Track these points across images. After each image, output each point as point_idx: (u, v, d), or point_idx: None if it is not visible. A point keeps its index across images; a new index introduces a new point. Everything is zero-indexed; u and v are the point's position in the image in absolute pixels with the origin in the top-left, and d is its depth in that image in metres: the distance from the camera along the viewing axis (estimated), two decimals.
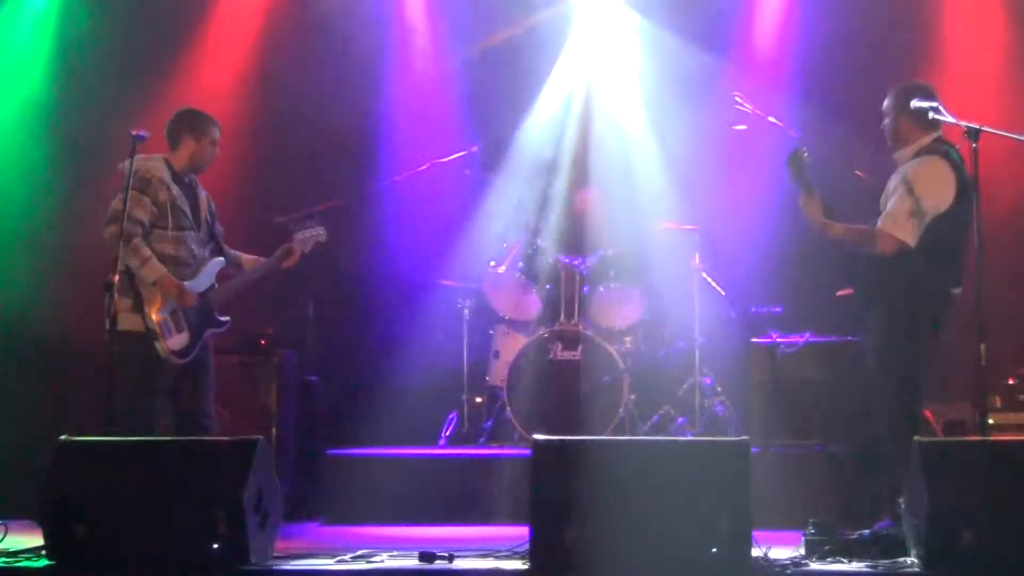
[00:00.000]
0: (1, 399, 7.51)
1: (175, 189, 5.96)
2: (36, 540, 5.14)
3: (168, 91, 7.75)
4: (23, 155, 7.94)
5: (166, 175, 5.95)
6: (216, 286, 6.09)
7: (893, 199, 5.52)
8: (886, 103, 5.74)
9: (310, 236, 6.36)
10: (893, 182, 5.61)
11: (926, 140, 5.60)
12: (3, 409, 7.49)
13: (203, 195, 6.18)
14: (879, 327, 5.60)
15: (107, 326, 5.58)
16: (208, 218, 6.17)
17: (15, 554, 5.12)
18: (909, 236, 5.43)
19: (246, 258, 6.36)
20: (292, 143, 8.30)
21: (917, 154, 5.60)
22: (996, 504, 4.65)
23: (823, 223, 5.63)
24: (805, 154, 5.64)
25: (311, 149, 8.28)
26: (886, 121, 5.74)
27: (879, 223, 5.53)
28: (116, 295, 5.49)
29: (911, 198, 5.43)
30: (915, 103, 5.54)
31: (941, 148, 5.57)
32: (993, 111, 6.01)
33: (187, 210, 5.99)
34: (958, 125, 5.46)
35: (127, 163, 5.71)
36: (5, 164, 7.92)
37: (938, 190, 5.46)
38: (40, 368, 7.66)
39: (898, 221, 5.44)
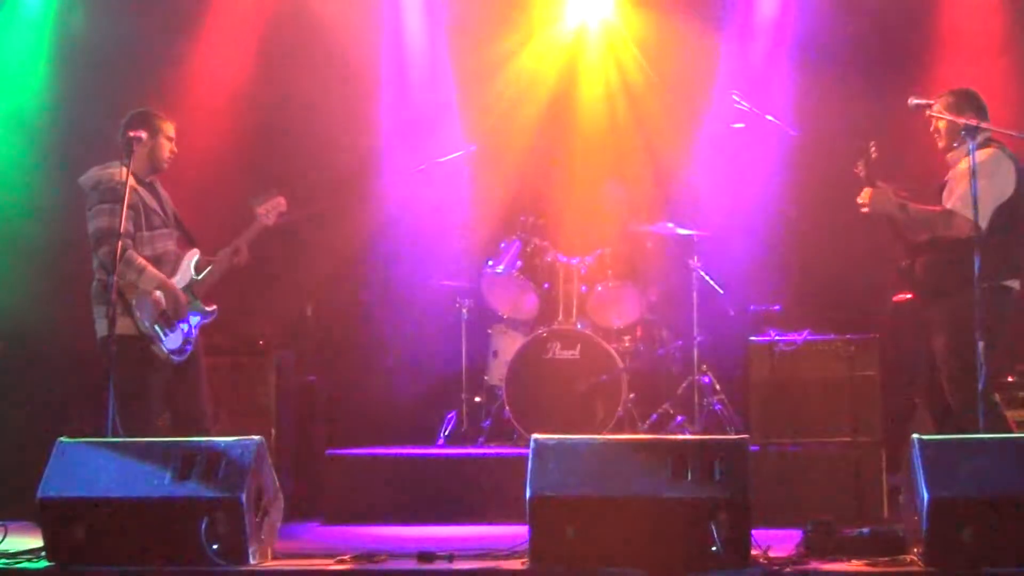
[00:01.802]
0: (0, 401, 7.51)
1: (141, 190, 5.97)
2: (36, 541, 5.15)
3: (164, 95, 7.72)
4: (16, 157, 7.92)
5: (130, 179, 5.95)
6: (196, 278, 6.09)
7: (962, 185, 5.66)
8: (939, 106, 5.88)
9: (272, 207, 6.24)
10: (957, 172, 5.78)
11: (979, 138, 5.77)
12: (2, 411, 7.48)
13: (165, 194, 6.18)
14: (944, 322, 5.75)
15: (106, 330, 5.59)
16: (174, 214, 6.17)
17: (15, 555, 5.13)
18: (982, 218, 5.58)
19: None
20: (289, 144, 8.28)
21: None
22: (996, 501, 4.66)
23: (899, 203, 5.80)
24: (873, 149, 5.81)
25: (310, 149, 8.26)
26: (942, 124, 5.91)
27: (951, 205, 5.69)
28: (114, 297, 5.51)
29: (979, 183, 5.59)
30: (971, 105, 5.82)
31: (996, 143, 5.80)
32: (992, 108, 6.02)
33: (157, 208, 6.01)
34: (955, 122, 5.58)
35: (101, 171, 5.76)
36: None
37: (1003, 177, 5.69)
38: (39, 371, 7.64)
39: (969, 204, 5.58)
